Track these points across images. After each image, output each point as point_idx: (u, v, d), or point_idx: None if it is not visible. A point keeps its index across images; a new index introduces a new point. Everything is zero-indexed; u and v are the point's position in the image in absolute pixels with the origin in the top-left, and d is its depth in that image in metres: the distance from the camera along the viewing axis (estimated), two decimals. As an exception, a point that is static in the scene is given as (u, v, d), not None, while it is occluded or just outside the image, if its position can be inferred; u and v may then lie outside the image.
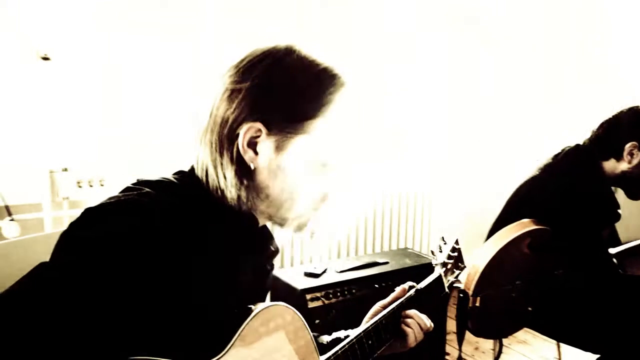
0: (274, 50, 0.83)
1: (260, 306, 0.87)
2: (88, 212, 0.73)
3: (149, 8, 2.21)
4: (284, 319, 0.91)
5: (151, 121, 2.26)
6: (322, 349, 1.00)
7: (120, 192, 0.78)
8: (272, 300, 0.92)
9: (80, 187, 2.08)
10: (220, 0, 2.36)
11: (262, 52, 0.83)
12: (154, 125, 2.26)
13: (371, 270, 2.33)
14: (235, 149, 0.80)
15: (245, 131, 0.79)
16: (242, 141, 0.80)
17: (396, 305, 1.11)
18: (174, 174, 0.87)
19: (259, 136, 0.80)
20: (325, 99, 0.81)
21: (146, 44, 2.23)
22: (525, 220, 1.79)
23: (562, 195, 1.78)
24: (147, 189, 0.77)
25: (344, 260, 2.51)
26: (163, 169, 0.90)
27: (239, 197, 0.81)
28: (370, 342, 1.04)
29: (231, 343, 0.81)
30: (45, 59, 2.08)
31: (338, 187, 0.89)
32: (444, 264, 1.29)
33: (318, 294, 2.12)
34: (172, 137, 2.20)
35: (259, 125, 0.79)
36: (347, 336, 1.05)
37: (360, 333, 1.02)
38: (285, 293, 2.12)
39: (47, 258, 0.71)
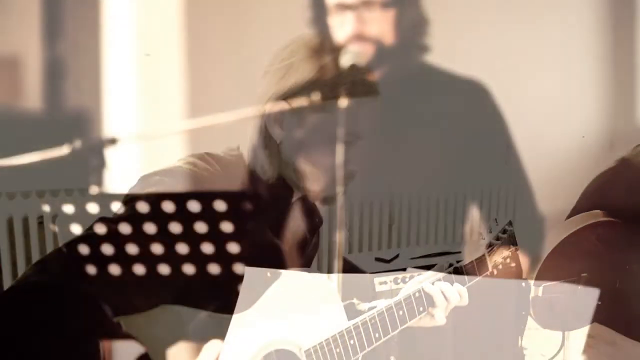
0: (301, 36, 0.94)
1: (290, 270, 0.97)
2: (142, 178, 0.89)
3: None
4: (314, 285, 1.01)
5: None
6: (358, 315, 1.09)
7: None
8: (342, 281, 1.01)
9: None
10: None
11: (292, 39, 0.94)
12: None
13: (443, 258, 2.34)
14: (264, 125, 0.92)
15: (270, 108, 0.91)
16: (267, 117, 0.92)
17: (432, 281, 1.16)
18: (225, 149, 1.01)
19: (284, 113, 0.91)
20: (346, 80, 0.89)
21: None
22: (596, 211, 1.74)
23: (637, 189, 1.71)
24: (194, 159, 0.91)
25: (416, 247, 2.53)
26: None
27: (264, 168, 0.93)
28: (400, 312, 1.10)
29: (258, 301, 0.92)
30: (147, 55, 2.35)
31: (365, 165, 0.96)
32: (489, 244, 1.31)
33: (386, 279, 2.17)
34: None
35: (282, 103, 0.90)
36: None
37: (391, 303, 1.09)
38: (354, 276, 2.20)
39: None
